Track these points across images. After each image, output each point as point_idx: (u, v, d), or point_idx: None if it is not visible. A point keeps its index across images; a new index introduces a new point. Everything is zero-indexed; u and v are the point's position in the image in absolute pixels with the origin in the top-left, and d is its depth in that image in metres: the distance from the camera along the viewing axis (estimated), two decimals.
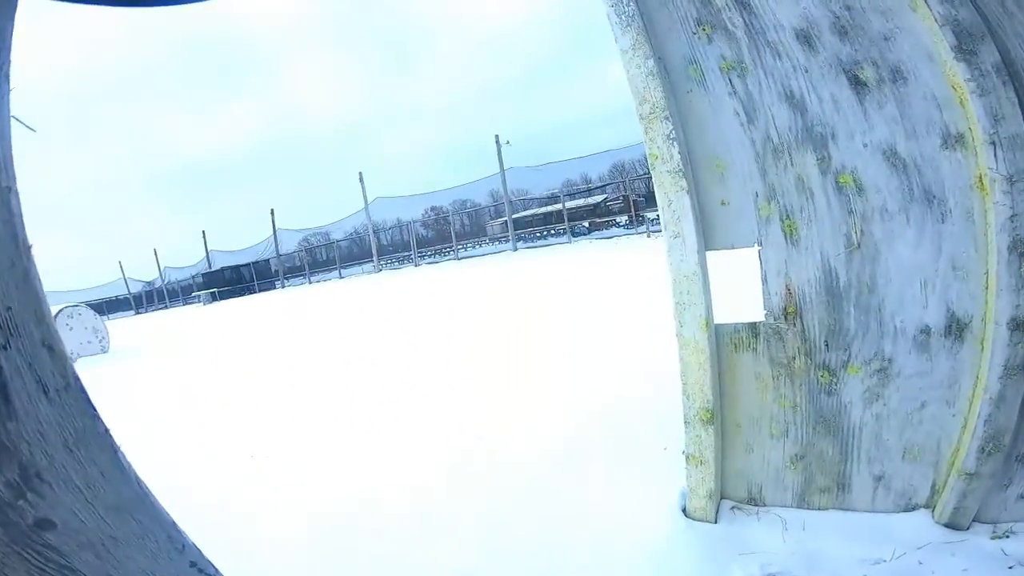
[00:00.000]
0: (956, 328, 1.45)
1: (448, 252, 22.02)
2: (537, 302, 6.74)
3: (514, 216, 20.46)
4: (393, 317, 7.84)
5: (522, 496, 2.05)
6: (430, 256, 22.86)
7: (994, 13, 1.38)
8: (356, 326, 7.68)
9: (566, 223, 19.67)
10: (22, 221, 0.62)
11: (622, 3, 1.65)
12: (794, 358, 1.60)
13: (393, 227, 24.67)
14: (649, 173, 1.63)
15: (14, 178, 0.62)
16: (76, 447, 0.63)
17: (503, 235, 21.26)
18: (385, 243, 24.63)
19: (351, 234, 26.58)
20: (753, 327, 1.59)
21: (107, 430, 0.66)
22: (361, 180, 22.66)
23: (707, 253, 1.57)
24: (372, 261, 22.92)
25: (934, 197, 1.40)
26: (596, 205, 22.12)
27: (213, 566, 0.80)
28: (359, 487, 2.37)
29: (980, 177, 1.35)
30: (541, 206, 22.93)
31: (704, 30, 1.64)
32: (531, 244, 20.10)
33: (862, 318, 1.51)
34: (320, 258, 27.39)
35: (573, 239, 18.76)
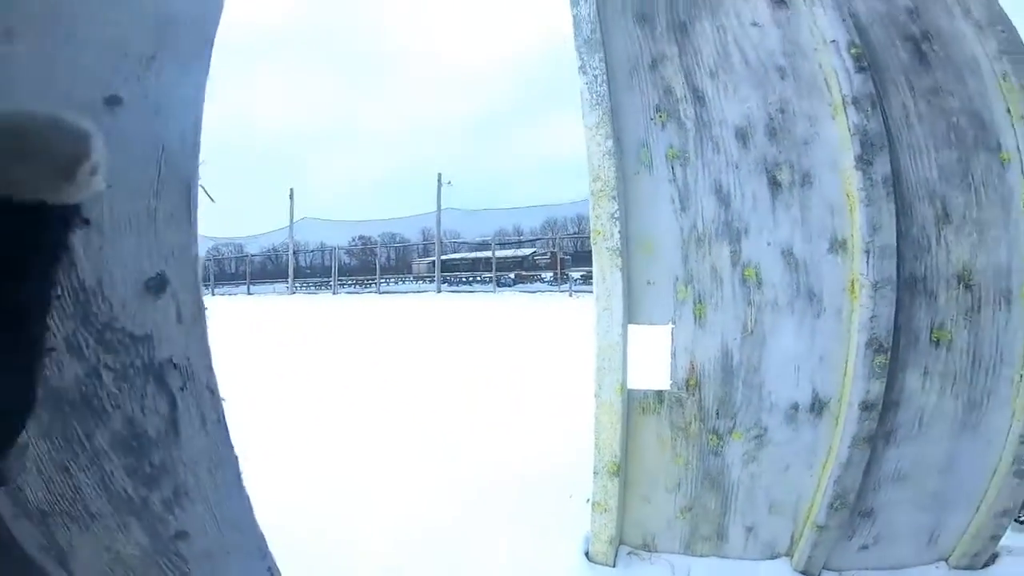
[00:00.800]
0: (818, 406, 1.75)
1: (370, 284, 21.51)
2: (457, 347, 6.80)
3: (443, 257, 20.55)
4: (304, 343, 7.49)
5: (431, 542, 2.07)
6: (351, 285, 22.18)
7: (897, 124, 1.76)
8: (256, 347, 7.21)
9: (493, 272, 19.96)
10: (202, 285, 0.75)
11: (596, 82, 1.90)
12: (690, 423, 1.82)
13: (316, 250, 23.79)
14: (579, 232, 1.85)
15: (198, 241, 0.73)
16: (214, 470, 0.75)
17: (428, 275, 21.20)
18: (303, 265, 23.63)
19: (268, 250, 25.26)
20: (659, 394, 1.82)
21: (236, 456, 0.78)
22: (291, 197, 21.86)
23: (629, 326, 1.78)
24: (286, 281, 21.79)
25: (815, 295, 1.72)
26: (524, 258, 22.64)
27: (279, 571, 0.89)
28: None
29: (852, 281, 1.69)
30: (471, 251, 23.14)
31: (660, 117, 1.92)
32: (455, 288, 20.16)
33: (747, 393, 1.78)
34: (228, 270, 25.61)
35: (498, 289, 18.98)
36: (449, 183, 20.05)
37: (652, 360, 1.90)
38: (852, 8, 1.93)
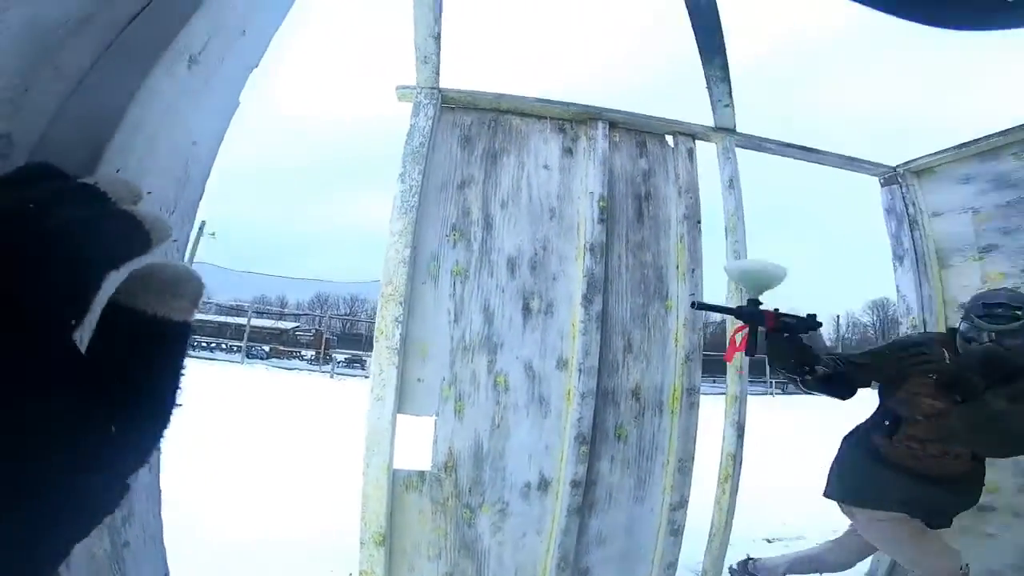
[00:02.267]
0: (544, 484, 2.18)
1: None
2: (197, 418, 6.44)
3: None
4: None
5: None
6: None
7: (613, 271, 2.32)
8: None
9: (244, 341, 18.35)
10: None
11: (410, 192, 2.15)
12: (448, 499, 2.15)
13: None
14: (350, 314, 2.10)
15: None
16: None
17: None
18: None
19: None
20: (422, 474, 2.09)
21: None
22: None
23: (399, 415, 2.03)
24: None
25: (544, 400, 2.19)
26: (284, 331, 21.48)
27: None
28: None
29: (569, 390, 2.20)
30: (219, 313, 21.16)
31: (454, 235, 2.26)
32: (193, 354, 18.00)
33: (493, 474, 2.16)
34: None
35: (248, 360, 17.41)
36: (213, 235, 18.35)
37: (416, 445, 2.21)
38: (611, 164, 2.53)
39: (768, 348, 1.93)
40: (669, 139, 2.67)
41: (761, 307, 1.85)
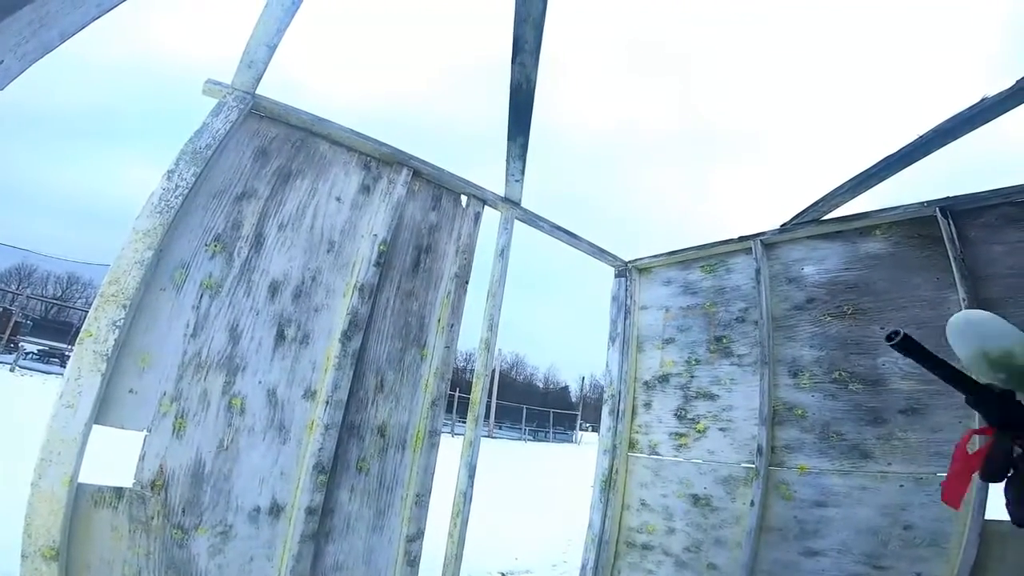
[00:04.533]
0: (276, 509, 2.19)
1: None
2: None
3: None
4: None
5: None
6: None
7: (378, 312, 2.42)
8: None
9: None
10: None
11: (173, 193, 1.96)
12: (153, 518, 2.00)
13: None
14: (62, 298, 1.81)
15: None
16: None
17: None
18: None
19: None
20: (119, 490, 1.90)
21: None
22: None
23: (95, 426, 1.81)
24: None
25: (284, 427, 2.21)
26: None
27: None
28: None
29: (313, 421, 2.26)
30: None
31: (215, 247, 2.14)
32: None
33: (216, 496, 2.09)
34: None
35: None
36: None
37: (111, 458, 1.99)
38: (402, 211, 2.68)
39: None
40: (463, 199, 2.98)
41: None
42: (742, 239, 3.36)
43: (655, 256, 3.77)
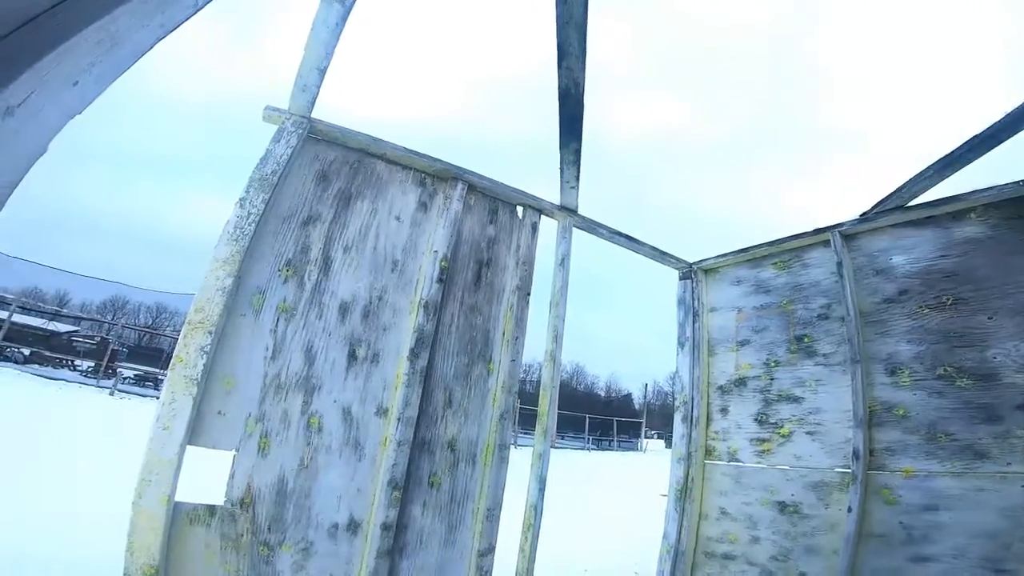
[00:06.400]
0: (354, 526, 2.23)
1: None
2: None
3: None
4: None
5: None
6: None
7: (443, 329, 2.44)
8: None
9: None
10: None
11: (247, 220, 2.07)
12: (242, 535, 2.09)
13: None
14: (152, 326, 1.94)
15: None
16: None
17: None
18: None
19: None
20: (212, 508, 2.00)
21: None
22: None
23: (188, 447, 1.91)
24: None
25: (359, 445, 2.26)
26: (55, 334, 17.93)
27: None
28: None
29: (386, 438, 2.29)
30: None
31: (287, 271, 2.23)
32: None
33: (298, 513, 2.16)
34: None
35: None
36: None
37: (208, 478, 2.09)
38: (460, 226, 2.70)
39: None
40: (519, 210, 2.96)
41: None
42: (818, 231, 3.13)
43: (722, 256, 3.59)
